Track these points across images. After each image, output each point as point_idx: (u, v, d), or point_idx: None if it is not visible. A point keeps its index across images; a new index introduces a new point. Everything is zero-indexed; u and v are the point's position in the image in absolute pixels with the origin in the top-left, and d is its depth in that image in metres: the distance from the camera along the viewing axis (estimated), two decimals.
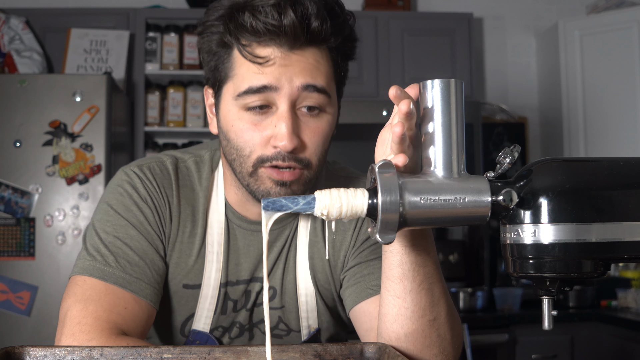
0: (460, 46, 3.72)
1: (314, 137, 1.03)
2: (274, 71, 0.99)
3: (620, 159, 0.81)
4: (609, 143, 3.64)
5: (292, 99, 1.00)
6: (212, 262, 1.12)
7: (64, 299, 1.04)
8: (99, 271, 1.04)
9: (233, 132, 1.03)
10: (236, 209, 1.14)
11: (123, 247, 1.06)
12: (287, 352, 0.88)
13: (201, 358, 0.86)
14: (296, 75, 0.99)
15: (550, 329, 0.80)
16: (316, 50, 1.01)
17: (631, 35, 3.60)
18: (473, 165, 3.48)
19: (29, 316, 2.91)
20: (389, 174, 0.76)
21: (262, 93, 0.99)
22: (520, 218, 0.77)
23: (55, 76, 3.16)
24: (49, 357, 0.85)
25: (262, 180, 1.03)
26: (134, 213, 1.08)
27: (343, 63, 1.07)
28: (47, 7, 3.71)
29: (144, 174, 1.11)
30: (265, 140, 1.01)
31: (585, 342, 3.27)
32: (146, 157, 1.17)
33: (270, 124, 1.01)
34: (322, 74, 1.02)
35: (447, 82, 0.80)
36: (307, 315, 1.18)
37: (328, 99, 1.03)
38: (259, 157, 1.02)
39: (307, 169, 1.04)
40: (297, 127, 1.01)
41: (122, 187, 1.10)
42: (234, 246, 1.14)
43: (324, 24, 0.99)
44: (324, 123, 1.04)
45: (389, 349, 0.87)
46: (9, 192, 2.96)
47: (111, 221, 1.08)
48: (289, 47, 0.99)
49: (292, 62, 0.99)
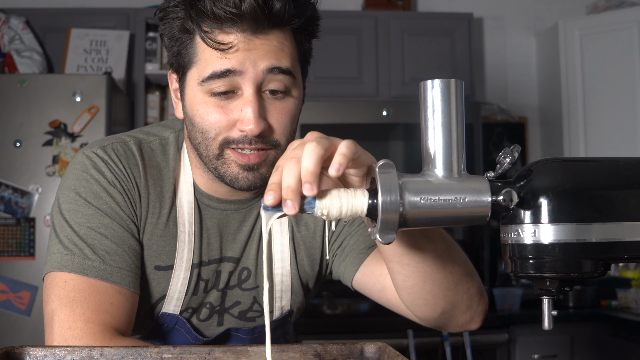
0: (460, 46, 3.72)
1: (281, 118, 1.03)
2: (237, 56, 0.98)
3: (620, 159, 0.81)
4: (609, 143, 3.64)
5: (257, 83, 1.00)
6: (184, 242, 1.12)
7: (47, 301, 1.02)
8: (78, 265, 1.02)
9: (198, 115, 1.03)
10: (204, 190, 1.13)
11: (98, 237, 1.04)
12: (287, 352, 0.88)
13: (201, 358, 0.86)
14: (260, 59, 0.99)
15: (550, 329, 0.80)
16: (279, 33, 1.01)
17: (631, 35, 3.60)
18: (473, 165, 3.47)
19: (29, 316, 2.91)
20: (389, 174, 0.76)
21: (227, 77, 0.99)
22: (520, 218, 0.77)
23: (55, 76, 3.16)
24: (49, 357, 0.85)
25: (228, 164, 1.03)
26: (104, 200, 1.06)
27: (307, 43, 1.07)
28: (47, 7, 3.71)
29: (109, 156, 1.08)
30: (232, 124, 1.01)
31: (585, 342, 3.27)
32: (105, 137, 1.13)
33: (236, 107, 1.01)
34: (287, 55, 1.01)
35: (447, 82, 0.80)
36: (281, 296, 1.19)
37: (293, 80, 1.03)
38: (224, 139, 1.02)
39: (275, 149, 1.04)
40: (264, 110, 1.01)
41: (87, 172, 1.07)
42: (205, 226, 1.14)
43: (287, 6, 0.98)
44: (290, 104, 1.04)
45: (389, 349, 0.87)
46: (9, 192, 2.96)
47: (81, 211, 1.05)
48: (251, 31, 0.98)
49: (255, 46, 0.99)
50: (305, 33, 1.05)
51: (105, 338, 0.97)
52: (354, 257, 1.16)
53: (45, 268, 1.06)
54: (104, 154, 1.08)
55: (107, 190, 1.06)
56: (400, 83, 3.67)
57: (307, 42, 1.07)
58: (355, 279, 1.17)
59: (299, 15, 1.01)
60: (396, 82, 3.66)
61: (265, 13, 0.97)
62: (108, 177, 1.06)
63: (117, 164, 1.08)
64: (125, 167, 1.08)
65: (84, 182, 1.06)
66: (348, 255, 1.17)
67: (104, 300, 1.01)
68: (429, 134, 0.80)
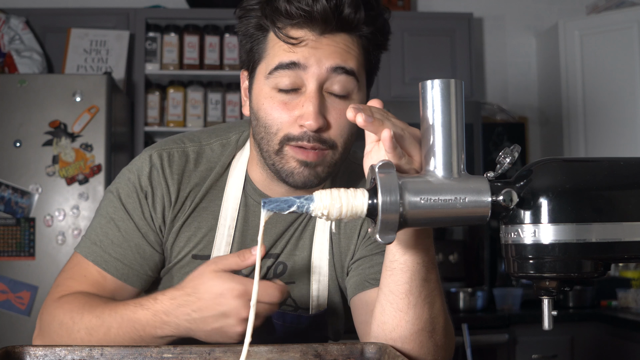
0: (460, 46, 3.72)
1: (339, 118, 1.06)
2: (304, 51, 1.04)
3: (620, 159, 0.81)
4: (609, 143, 3.64)
5: (321, 80, 1.04)
6: (223, 235, 1.17)
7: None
8: (92, 254, 1.15)
9: (263, 110, 1.08)
10: (259, 187, 1.17)
11: (113, 227, 1.15)
12: (287, 352, 0.88)
13: (201, 358, 0.86)
14: (325, 57, 1.04)
15: (550, 329, 0.80)
16: (347, 37, 1.06)
17: (631, 35, 3.60)
18: (473, 165, 3.47)
19: (29, 316, 2.91)
20: (389, 174, 0.76)
21: (291, 69, 1.04)
22: (520, 218, 0.77)
23: (55, 76, 3.16)
24: (49, 356, 0.85)
25: (286, 159, 1.07)
26: (132, 205, 1.16)
27: (374, 53, 1.11)
28: (47, 7, 3.71)
29: (161, 161, 1.16)
30: (293, 120, 1.05)
31: (585, 342, 3.27)
32: (173, 138, 1.21)
33: (298, 104, 1.05)
34: (353, 57, 1.06)
35: (447, 82, 0.80)
36: (318, 295, 1.20)
37: (356, 83, 1.07)
38: (285, 135, 1.06)
39: (332, 149, 1.07)
40: (324, 107, 1.05)
41: (130, 171, 1.17)
42: (250, 223, 1.18)
43: (357, 13, 1.04)
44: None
45: (389, 349, 0.87)
46: (9, 192, 2.96)
47: (114, 204, 1.17)
48: (320, 31, 1.04)
49: (322, 45, 1.04)
50: (372, 43, 1.09)
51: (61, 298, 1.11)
52: (361, 282, 1.17)
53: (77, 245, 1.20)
54: (157, 158, 1.16)
55: (139, 196, 1.15)
56: (400, 83, 3.67)
57: (374, 52, 1.11)
58: (353, 300, 1.19)
59: (368, 23, 1.06)
60: (396, 82, 3.66)
61: (335, 15, 1.03)
62: (143, 184, 1.15)
63: (164, 169, 1.16)
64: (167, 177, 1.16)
65: (125, 180, 1.17)
66: (359, 276, 1.18)
67: (80, 272, 1.15)
68: (428, 134, 0.80)
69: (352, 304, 1.19)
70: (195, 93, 3.61)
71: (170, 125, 3.59)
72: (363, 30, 1.07)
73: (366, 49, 1.09)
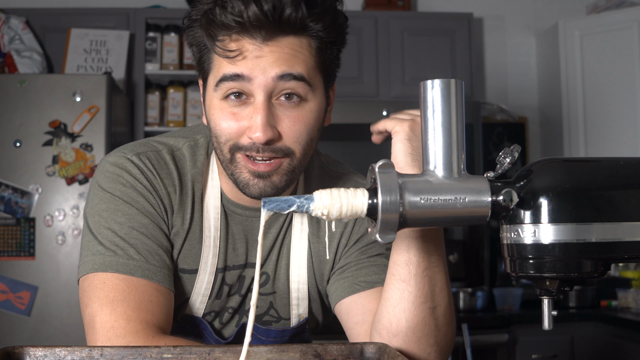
0: (460, 46, 3.72)
1: (294, 125, 1.01)
2: (246, 63, 0.98)
3: (620, 159, 0.81)
4: (609, 143, 3.64)
5: (268, 90, 0.99)
6: (210, 247, 1.12)
7: (87, 303, 1.02)
8: (124, 266, 1.02)
9: (213, 120, 1.04)
10: (229, 197, 1.14)
11: (140, 237, 1.05)
12: (287, 352, 0.88)
13: (201, 358, 0.86)
14: (270, 66, 0.98)
15: (550, 329, 0.80)
16: (294, 39, 0.99)
17: (631, 35, 3.60)
18: (473, 165, 3.48)
19: (29, 316, 2.91)
20: (389, 174, 0.76)
21: (236, 81, 0.99)
22: (520, 218, 0.77)
23: (55, 76, 3.16)
24: (49, 357, 0.85)
25: (240, 168, 1.03)
26: (142, 204, 1.07)
27: (330, 51, 1.04)
28: (47, 7, 3.71)
29: (144, 163, 1.09)
30: (242, 131, 1.01)
31: (585, 342, 3.27)
32: (137, 143, 1.15)
33: (247, 115, 1.00)
34: (301, 62, 1.00)
35: (447, 82, 0.80)
36: (298, 303, 1.19)
37: (308, 87, 1.01)
38: (234, 144, 1.02)
39: (288, 157, 1.02)
40: (273, 118, 1.00)
41: (122, 177, 1.08)
42: (231, 231, 1.15)
43: (299, 12, 0.97)
44: (305, 112, 1.02)
45: (389, 349, 0.87)
46: (9, 192, 2.96)
47: (121, 210, 1.06)
48: (262, 38, 0.97)
49: (264, 54, 0.98)
50: (326, 40, 1.02)
51: (148, 336, 0.97)
52: (349, 285, 1.14)
53: (81, 270, 1.05)
54: (139, 161, 1.09)
55: (144, 195, 1.08)
56: (400, 83, 3.67)
57: (329, 49, 1.04)
58: (341, 304, 1.15)
59: (316, 21, 0.99)
60: (396, 82, 3.67)
61: (275, 20, 0.96)
62: (143, 183, 1.08)
63: (151, 171, 1.09)
64: (157, 176, 1.09)
65: (120, 186, 1.08)
66: (345, 279, 1.15)
67: (144, 298, 1.01)
68: (429, 134, 0.80)
69: (339, 308, 1.15)
70: (196, 93, 3.61)
71: (170, 125, 3.59)
72: (312, 29, 0.99)
73: (320, 49, 1.02)
